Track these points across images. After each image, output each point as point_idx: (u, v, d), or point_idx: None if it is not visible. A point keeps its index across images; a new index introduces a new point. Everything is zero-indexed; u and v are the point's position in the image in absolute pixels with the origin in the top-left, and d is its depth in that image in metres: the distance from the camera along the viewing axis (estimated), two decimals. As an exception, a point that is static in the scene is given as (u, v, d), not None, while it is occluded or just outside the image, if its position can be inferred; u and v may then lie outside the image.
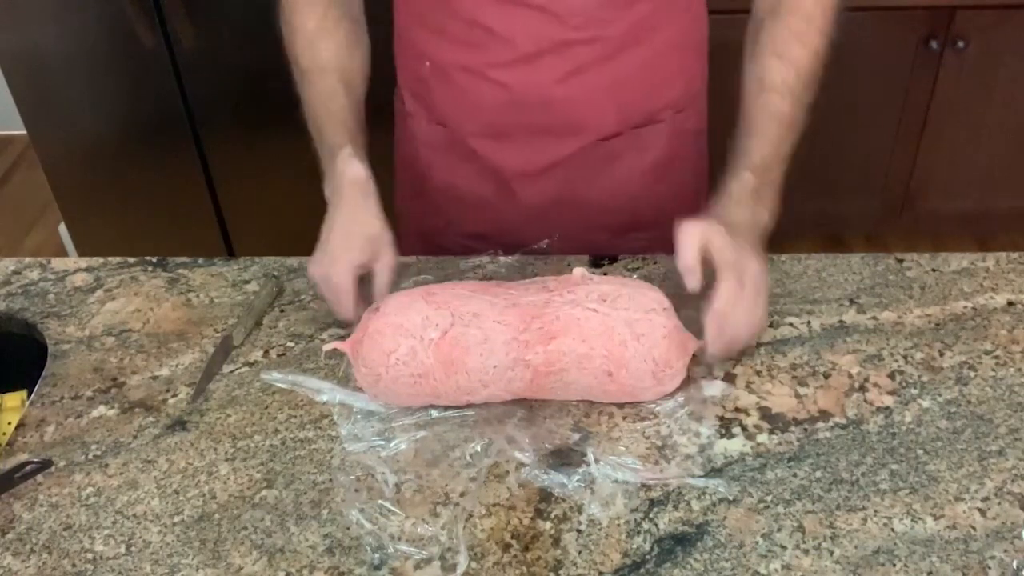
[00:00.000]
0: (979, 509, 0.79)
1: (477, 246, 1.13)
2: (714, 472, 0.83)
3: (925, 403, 0.89)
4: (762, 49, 1.00)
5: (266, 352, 0.97)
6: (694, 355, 0.89)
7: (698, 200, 1.20)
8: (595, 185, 1.12)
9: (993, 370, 0.92)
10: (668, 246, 1.02)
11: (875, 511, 0.79)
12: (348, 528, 0.80)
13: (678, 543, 0.78)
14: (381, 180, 1.02)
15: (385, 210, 1.00)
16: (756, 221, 0.94)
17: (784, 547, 0.77)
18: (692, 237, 0.87)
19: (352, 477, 0.84)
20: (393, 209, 1.27)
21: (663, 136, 1.12)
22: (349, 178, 0.98)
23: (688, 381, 0.90)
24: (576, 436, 0.87)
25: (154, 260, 1.11)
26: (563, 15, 1.00)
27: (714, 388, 0.90)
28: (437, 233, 1.20)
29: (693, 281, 0.87)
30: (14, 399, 1.00)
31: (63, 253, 2.58)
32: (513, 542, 0.79)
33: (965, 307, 0.99)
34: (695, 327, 0.96)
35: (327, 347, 0.92)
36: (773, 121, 0.98)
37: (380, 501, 0.82)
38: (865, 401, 0.89)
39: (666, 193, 1.15)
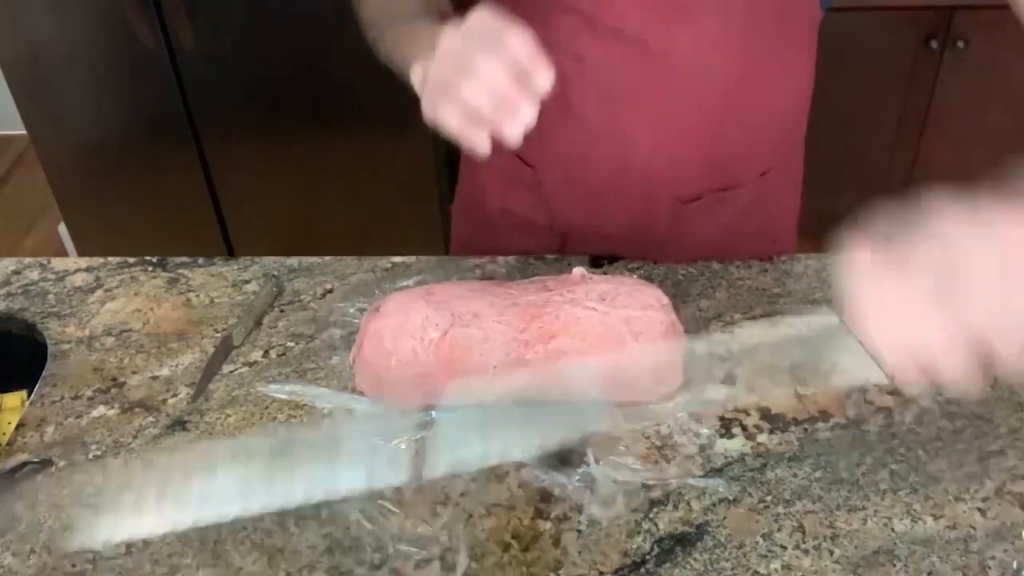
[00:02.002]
0: (979, 509, 0.79)
1: None
2: (714, 472, 0.83)
3: (925, 403, 0.89)
4: None
5: (266, 352, 0.97)
6: (691, 357, 0.89)
7: (792, 236, 1.16)
8: (656, 242, 1.06)
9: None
10: None
11: (875, 511, 0.79)
12: (348, 528, 0.80)
13: (678, 543, 0.78)
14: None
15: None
16: None
17: (784, 547, 0.77)
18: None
19: (352, 477, 0.84)
20: (449, 229, 1.26)
21: (741, 199, 1.06)
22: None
23: (688, 382, 0.90)
24: (576, 436, 0.87)
25: (154, 260, 1.11)
26: (661, 54, 0.93)
27: (715, 391, 0.90)
28: (487, 253, 1.17)
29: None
30: (14, 399, 1.00)
31: (63, 253, 2.58)
32: (513, 542, 0.79)
33: (965, 307, 0.99)
34: (695, 326, 0.96)
35: None
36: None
37: (380, 501, 0.82)
38: (865, 401, 0.89)
39: (737, 254, 1.06)
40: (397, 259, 1.08)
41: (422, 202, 2.24)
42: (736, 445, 0.85)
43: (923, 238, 0.59)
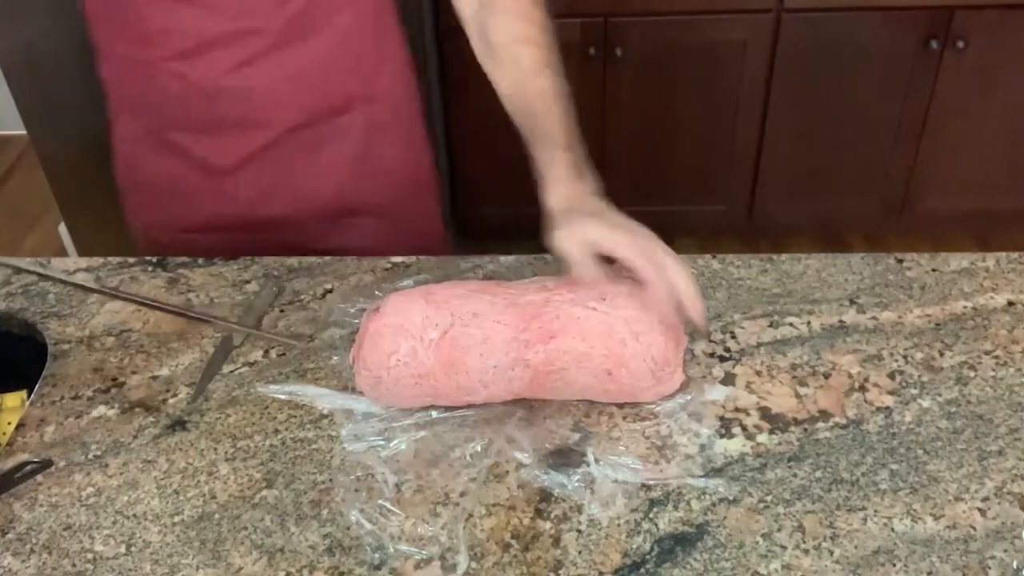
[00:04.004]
0: (979, 509, 0.79)
1: (196, 240, 1.14)
2: (714, 472, 0.83)
3: (925, 403, 0.89)
4: (504, 40, 0.98)
5: (266, 352, 0.97)
6: (691, 357, 0.89)
7: (415, 190, 1.21)
8: (299, 174, 1.11)
9: (993, 370, 0.92)
10: (385, 234, 1.06)
11: (875, 511, 0.79)
12: (348, 528, 0.80)
13: (678, 543, 0.78)
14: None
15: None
16: (596, 190, 0.91)
17: (784, 547, 0.77)
18: (575, 251, 0.85)
19: (352, 477, 0.84)
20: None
21: (359, 127, 1.11)
22: None
23: (688, 382, 0.90)
24: (576, 436, 0.87)
25: (154, 260, 1.11)
26: (217, 8, 1.00)
27: (715, 391, 0.90)
28: (156, 230, 1.20)
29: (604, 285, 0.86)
30: (14, 399, 1.00)
31: (63, 253, 2.58)
32: (513, 542, 0.79)
33: (965, 307, 0.99)
34: (693, 325, 0.96)
35: None
36: (553, 99, 0.96)
37: (380, 501, 0.82)
38: (865, 401, 0.89)
39: (373, 182, 1.15)
40: (397, 259, 1.08)
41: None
42: (736, 445, 0.85)
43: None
